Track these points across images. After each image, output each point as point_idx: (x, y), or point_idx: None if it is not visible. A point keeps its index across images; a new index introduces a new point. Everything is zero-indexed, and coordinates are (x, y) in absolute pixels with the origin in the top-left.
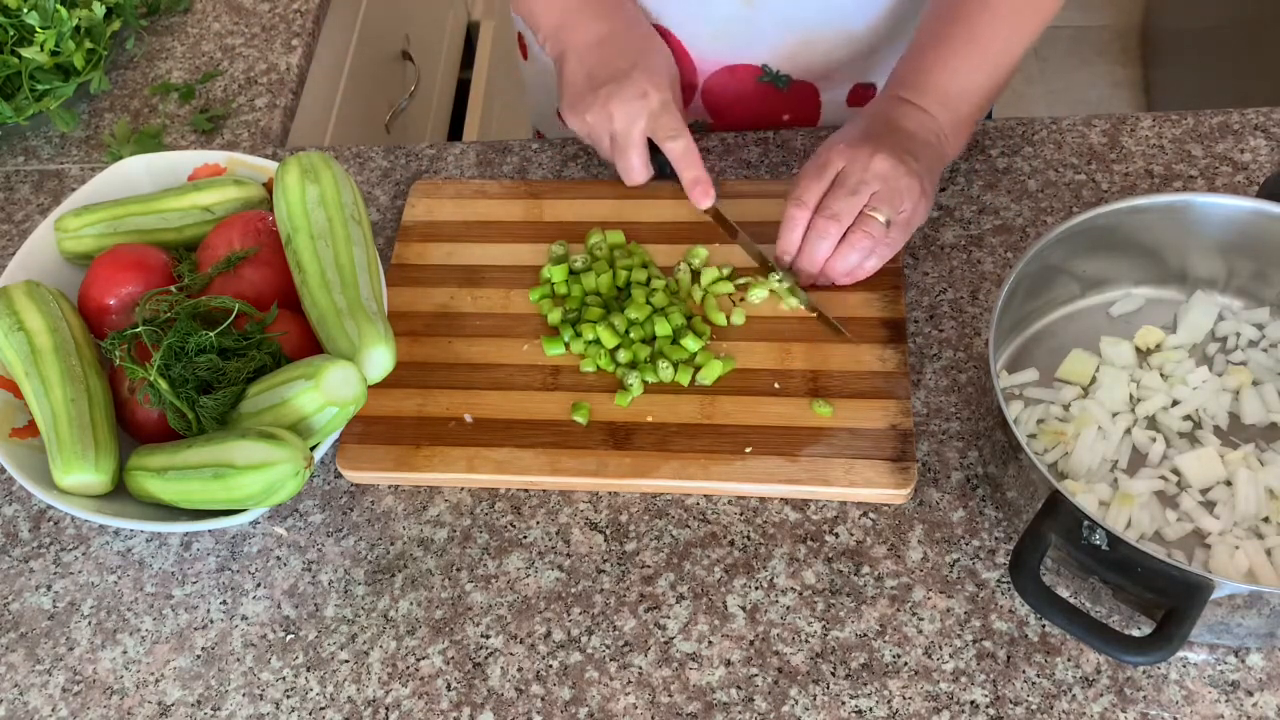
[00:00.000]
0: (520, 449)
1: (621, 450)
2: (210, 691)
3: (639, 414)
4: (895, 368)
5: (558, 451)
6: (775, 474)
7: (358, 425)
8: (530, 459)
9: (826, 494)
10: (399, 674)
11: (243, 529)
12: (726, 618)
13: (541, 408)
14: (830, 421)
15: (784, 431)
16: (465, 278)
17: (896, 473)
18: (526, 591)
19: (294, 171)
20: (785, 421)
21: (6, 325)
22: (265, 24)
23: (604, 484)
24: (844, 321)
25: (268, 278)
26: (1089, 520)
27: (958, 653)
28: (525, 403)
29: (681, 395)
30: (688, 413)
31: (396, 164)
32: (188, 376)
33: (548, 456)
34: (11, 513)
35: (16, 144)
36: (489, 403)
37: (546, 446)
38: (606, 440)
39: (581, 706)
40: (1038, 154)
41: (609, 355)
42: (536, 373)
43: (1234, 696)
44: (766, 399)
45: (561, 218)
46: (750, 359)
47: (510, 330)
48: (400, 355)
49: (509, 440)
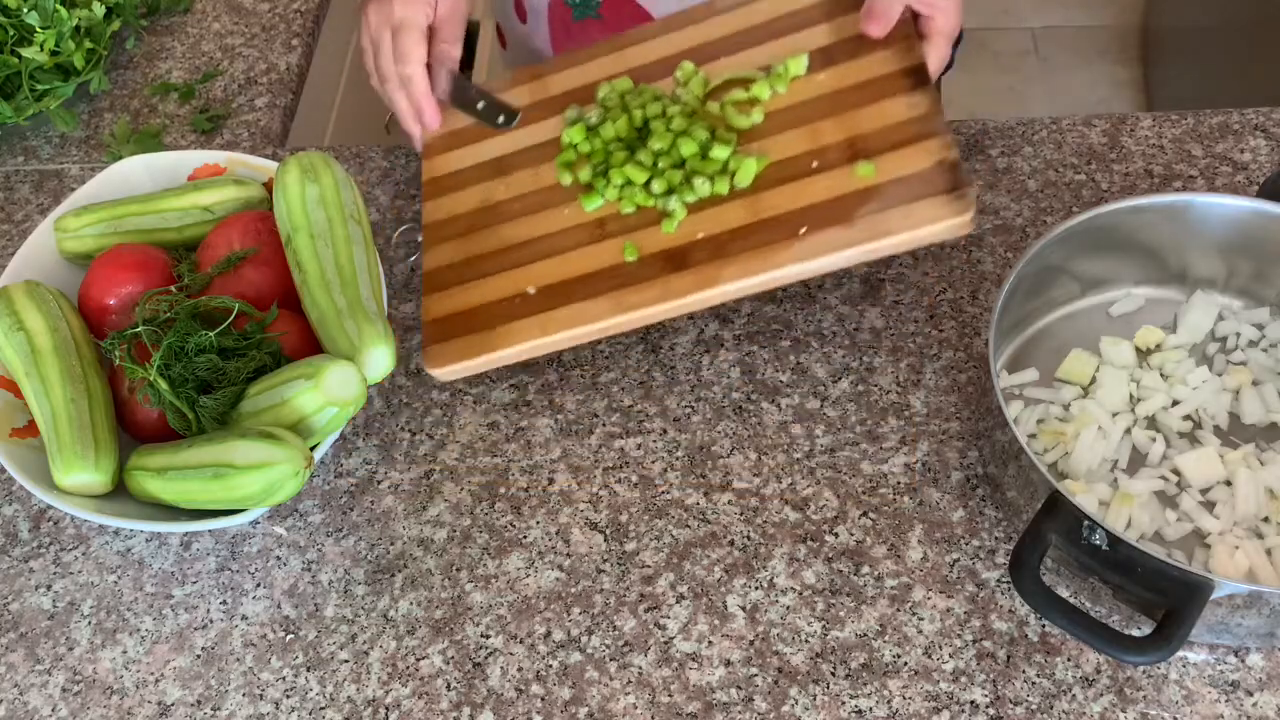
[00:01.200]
0: (585, 301)
1: (682, 271)
2: (210, 691)
3: (689, 234)
4: (927, 109)
5: (621, 292)
6: (836, 243)
7: (433, 330)
8: (597, 306)
9: (891, 245)
10: (399, 674)
11: (243, 529)
12: (726, 618)
13: (596, 259)
14: (876, 179)
15: (833, 203)
16: (494, 170)
17: (954, 202)
18: (526, 591)
19: (294, 171)
20: (832, 193)
21: (6, 325)
22: (265, 24)
23: (674, 307)
24: (864, 85)
25: (268, 278)
26: (1089, 520)
27: (958, 653)
28: (579, 260)
29: (725, 204)
30: (735, 218)
31: (396, 164)
32: (188, 376)
33: (612, 300)
34: (11, 513)
35: (16, 144)
36: (546, 271)
37: (609, 291)
38: (665, 267)
39: (581, 706)
40: (1038, 154)
41: (644, 190)
42: (582, 231)
43: (1234, 696)
44: (808, 179)
45: (568, 86)
46: (781, 149)
47: (547, 202)
48: (453, 255)
49: (573, 297)
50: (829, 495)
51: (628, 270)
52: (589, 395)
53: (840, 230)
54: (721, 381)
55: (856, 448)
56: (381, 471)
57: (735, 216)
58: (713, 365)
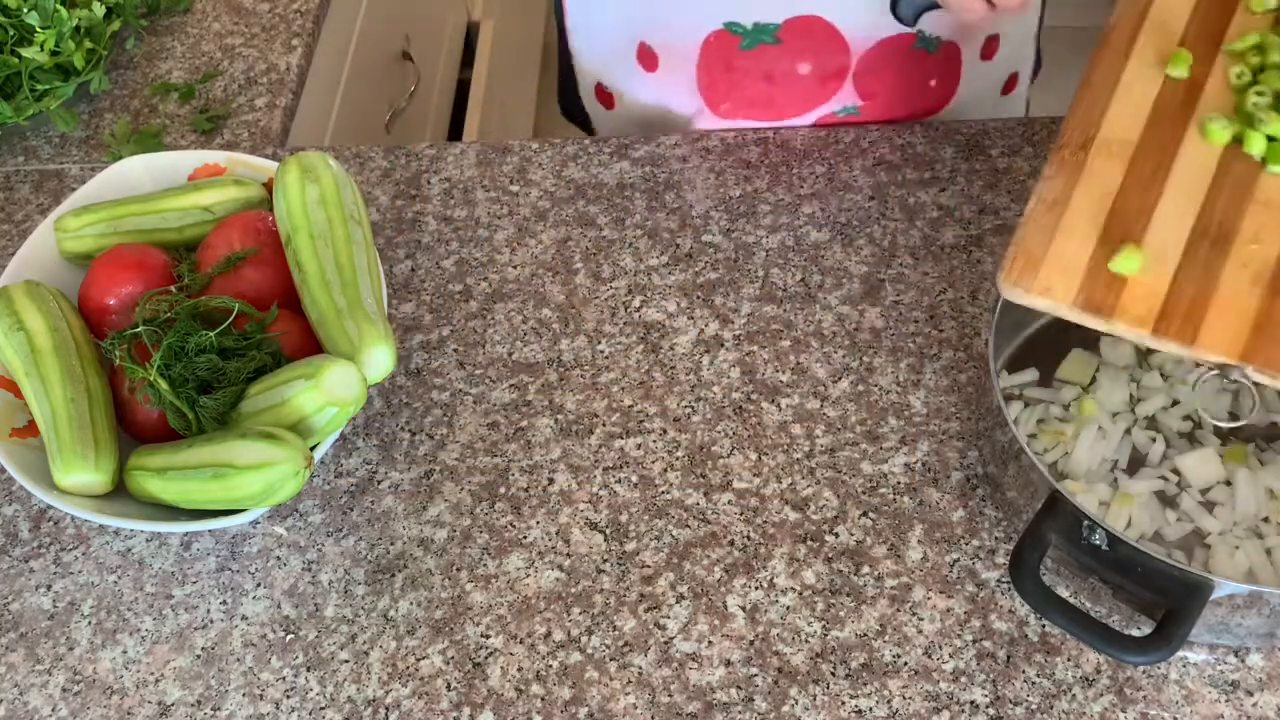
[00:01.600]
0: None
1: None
2: (210, 691)
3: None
4: None
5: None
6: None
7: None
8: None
9: None
10: (399, 674)
11: (243, 529)
12: (726, 618)
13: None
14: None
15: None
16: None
17: None
18: (526, 591)
19: (294, 171)
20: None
21: (6, 325)
22: (265, 24)
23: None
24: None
25: (268, 278)
26: (1089, 520)
27: (958, 653)
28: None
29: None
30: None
31: (396, 164)
32: (188, 376)
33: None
34: (11, 513)
35: (16, 144)
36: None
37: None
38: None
39: (581, 706)
40: (1038, 154)
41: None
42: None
43: (1234, 696)
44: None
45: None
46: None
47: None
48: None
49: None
50: (829, 495)
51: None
52: (589, 395)
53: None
54: (721, 381)
55: (856, 448)
56: (381, 471)
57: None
58: (713, 365)
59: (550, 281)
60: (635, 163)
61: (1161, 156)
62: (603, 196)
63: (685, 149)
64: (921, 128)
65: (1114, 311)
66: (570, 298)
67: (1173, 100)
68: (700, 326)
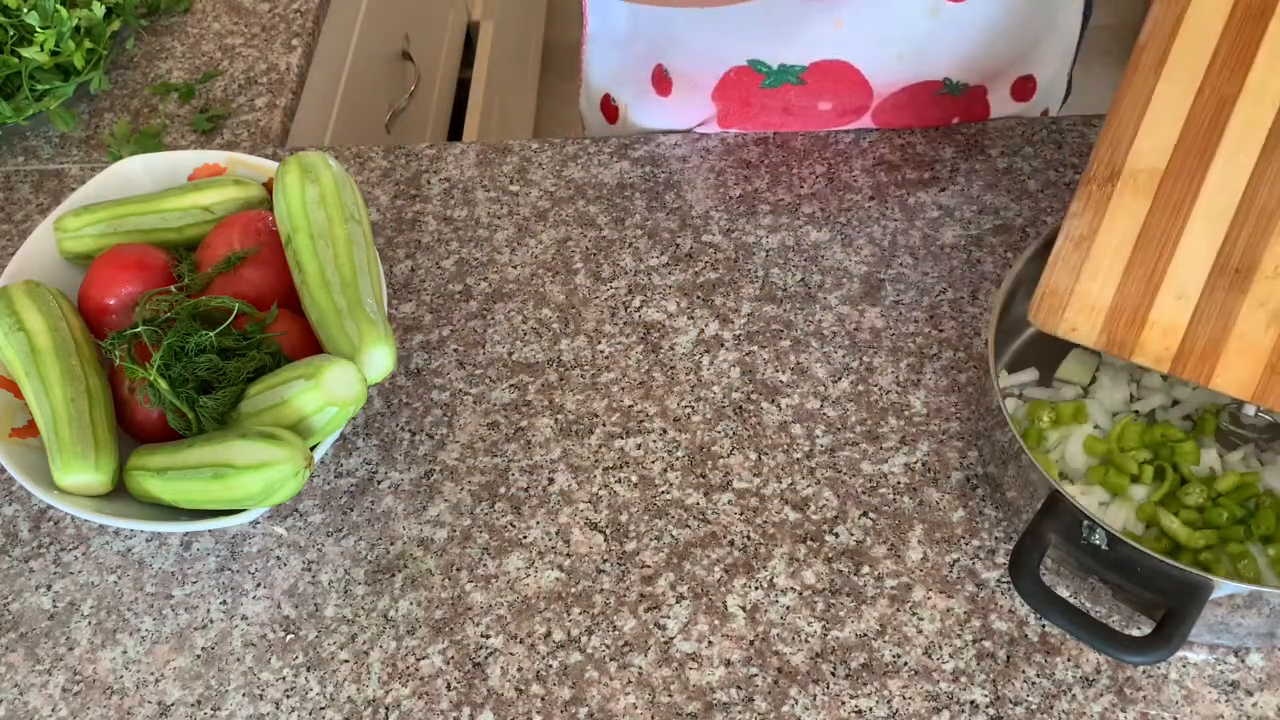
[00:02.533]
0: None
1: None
2: (210, 691)
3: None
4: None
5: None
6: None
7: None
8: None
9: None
10: (399, 674)
11: (243, 529)
12: (726, 618)
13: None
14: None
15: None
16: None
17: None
18: (526, 591)
19: (294, 171)
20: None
21: (6, 325)
22: (265, 24)
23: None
24: None
25: (268, 278)
26: (1089, 520)
27: (958, 653)
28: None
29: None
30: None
31: (396, 164)
32: (188, 376)
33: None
34: (11, 513)
35: (16, 144)
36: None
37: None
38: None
39: (581, 706)
40: (1038, 154)
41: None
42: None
43: (1234, 696)
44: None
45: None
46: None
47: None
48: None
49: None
50: (829, 495)
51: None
52: (589, 395)
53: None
54: (721, 381)
55: (856, 448)
56: (381, 471)
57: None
58: (713, 365)
59: (550, 281)
60: (635, 163)
61: (1189, 185)
62: (603, 196)
63: (685, 149)
64: (921, 128)
65: (1134, 349)
66: (570, 298)
67: (1202, 121)
68: (700, 326)
